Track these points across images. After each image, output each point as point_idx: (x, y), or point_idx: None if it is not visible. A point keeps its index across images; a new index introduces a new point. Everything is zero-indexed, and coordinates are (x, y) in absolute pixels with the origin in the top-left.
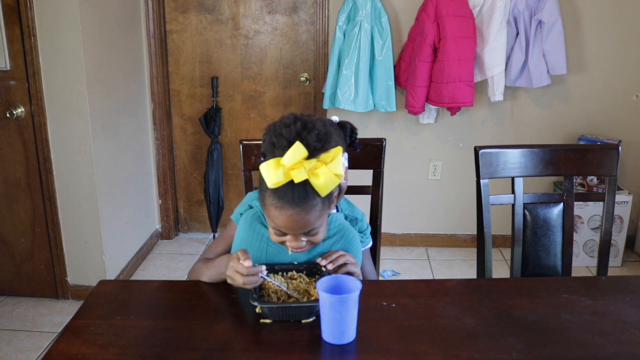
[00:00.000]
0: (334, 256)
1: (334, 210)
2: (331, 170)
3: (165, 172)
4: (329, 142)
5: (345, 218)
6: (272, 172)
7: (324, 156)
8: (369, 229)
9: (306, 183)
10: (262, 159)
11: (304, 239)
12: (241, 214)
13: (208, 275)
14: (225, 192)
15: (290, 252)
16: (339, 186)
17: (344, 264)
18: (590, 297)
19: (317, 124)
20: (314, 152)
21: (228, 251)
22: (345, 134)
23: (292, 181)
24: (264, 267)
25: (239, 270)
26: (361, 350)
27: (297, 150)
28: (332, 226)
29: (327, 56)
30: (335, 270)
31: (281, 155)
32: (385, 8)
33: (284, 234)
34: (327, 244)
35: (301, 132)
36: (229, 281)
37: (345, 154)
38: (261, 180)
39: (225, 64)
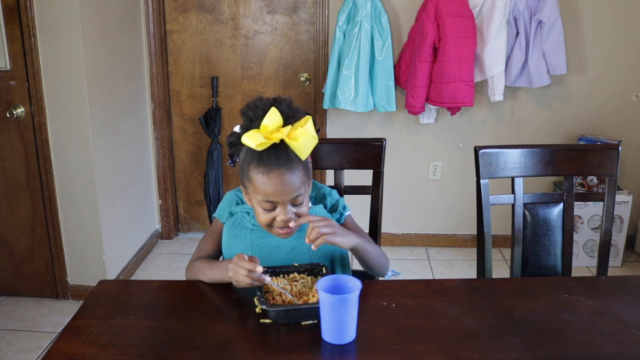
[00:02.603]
0: (308, 233)
1: (311, 204)
2: (307, 131)
3: (165, 172)
4: (299, 112)
5: (315, 200)
6: (255, 137)
7: (297, 124)
8: (342, 199)
9: (287, 148)
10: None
11: (291, 209)
12: (230, 213)
13: (209, 276)
14: (225, 192)
15: (281, 231)
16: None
17: (322, 236)
18: (590, 297)
19: (285, 99)
20: (287, 120)
21: (218, 247)
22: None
23: (274, 148)
24: (268, 279)
25: (247, 267)
26: (361, 350)
27: (274, 114)
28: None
29: (327, 56)
30: (316, 244)
31: (259, 126)
32: (385, 8)
33: (273, 208)
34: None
35: (273, 103)
36: (230, 274)
37: None
38: (244, 160)
39: (225, 64)
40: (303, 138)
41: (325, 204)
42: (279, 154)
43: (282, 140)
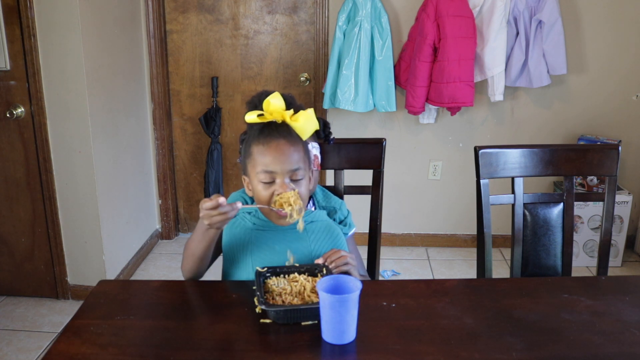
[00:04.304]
0: (334, 257)
1: (313, 208)
2: (309, 114)
3: (165, 172)
4: (301, 107)
5: (323, 208)
6: (257, 115)
7: (299, 111)
8: (350, 214)
9: (288, 126)
10: (241, 147)
11: (290, 184)
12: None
13: (194, 244)
14: (225, 192)
15: (280, 214)
16: (311, 171)
17: (345, 264)
18: (590, 297)
19: (289, 94)
20: (289, 106)
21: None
22: (319, 129)
23: (275, 124)
24: (239, 205)
25: (210, 206)
26: (361, 350)
27: (277, 96)
28: (318, 221)
29: (327, 56)
30: (339, 270)
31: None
32: (385, 8)
33: (272, 181)
34: (316, 243)
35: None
36: (206, 222)
37: (317, 144)
38: (246, 141)
39: (225, 64)
40: (304, 119)
41: (334, 218)
42: (280, 128)
43: (283, 121)
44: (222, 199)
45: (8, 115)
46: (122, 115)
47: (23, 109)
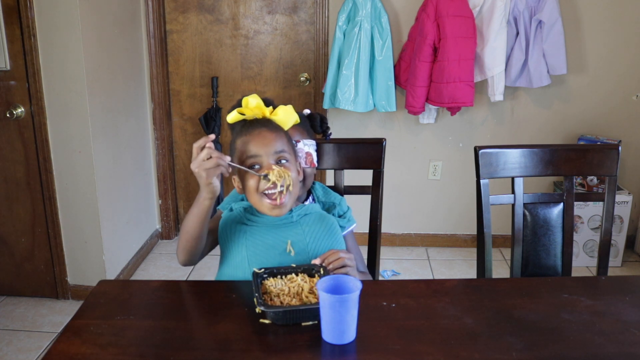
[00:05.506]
0: (331, 258)
1: (310, 201)
2: (287, 108)
3: (165, 172)
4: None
5: (324, 206)
6: (237, 112)
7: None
8: (350, 210)
9: (269, 120)
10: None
11: (276, 167)
12: (231, 209)
13: (190, 218)
14: (225, 192)
15: (271, 202)
16: (304, 171)
17: (343, 266)
18: (590, 297)
19: (267, 98)
20: (268, 105)
21: (212, 230)
22: (315, 123)
23: (257, 119)
24: (228, 158)
25: (201, 144)
26: (361, 350)
27: (255, 96)
28: (311, 213)
29: (327, 56)
30: (337, 272)
31: None
32: (385, 8)
33: (258, 166)
34: (311, 235)
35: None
36: (195, 169)
37: (313, 141)
38: (231, 142)
39: (225, 64)
40: (283, 112)
41: (333, 213)
42: (262, 120)
43: (264, 117)
44: (212, 137)
45: (8, 115)
46: (122, 115)
47: (23, 109)
